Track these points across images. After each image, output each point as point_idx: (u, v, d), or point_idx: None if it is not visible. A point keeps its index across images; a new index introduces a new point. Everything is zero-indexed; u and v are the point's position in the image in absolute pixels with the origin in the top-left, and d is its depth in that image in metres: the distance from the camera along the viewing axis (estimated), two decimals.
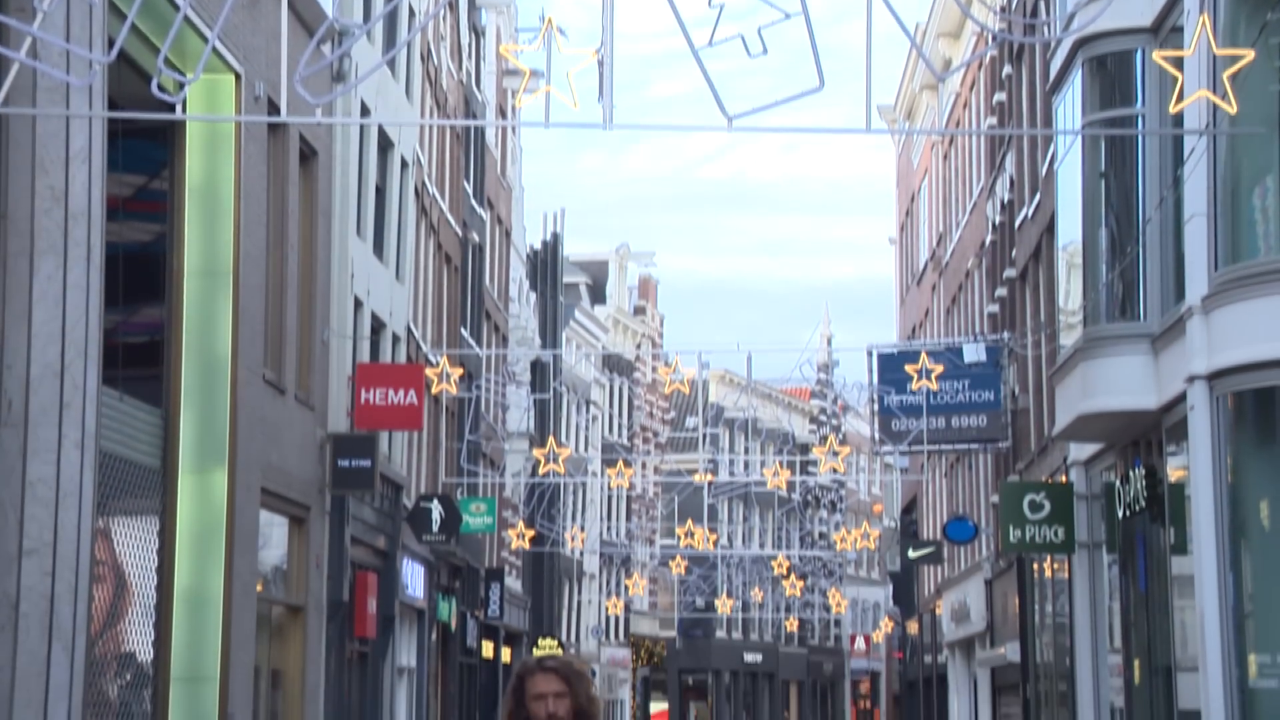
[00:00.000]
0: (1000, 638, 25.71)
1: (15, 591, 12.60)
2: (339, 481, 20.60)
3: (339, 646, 21.47)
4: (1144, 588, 16.70)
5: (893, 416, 25.20)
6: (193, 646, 16.49)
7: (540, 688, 5.19)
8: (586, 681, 5.26)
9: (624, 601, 52.64)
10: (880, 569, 66.27)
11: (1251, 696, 12.89)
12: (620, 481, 35.44)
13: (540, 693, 5.19)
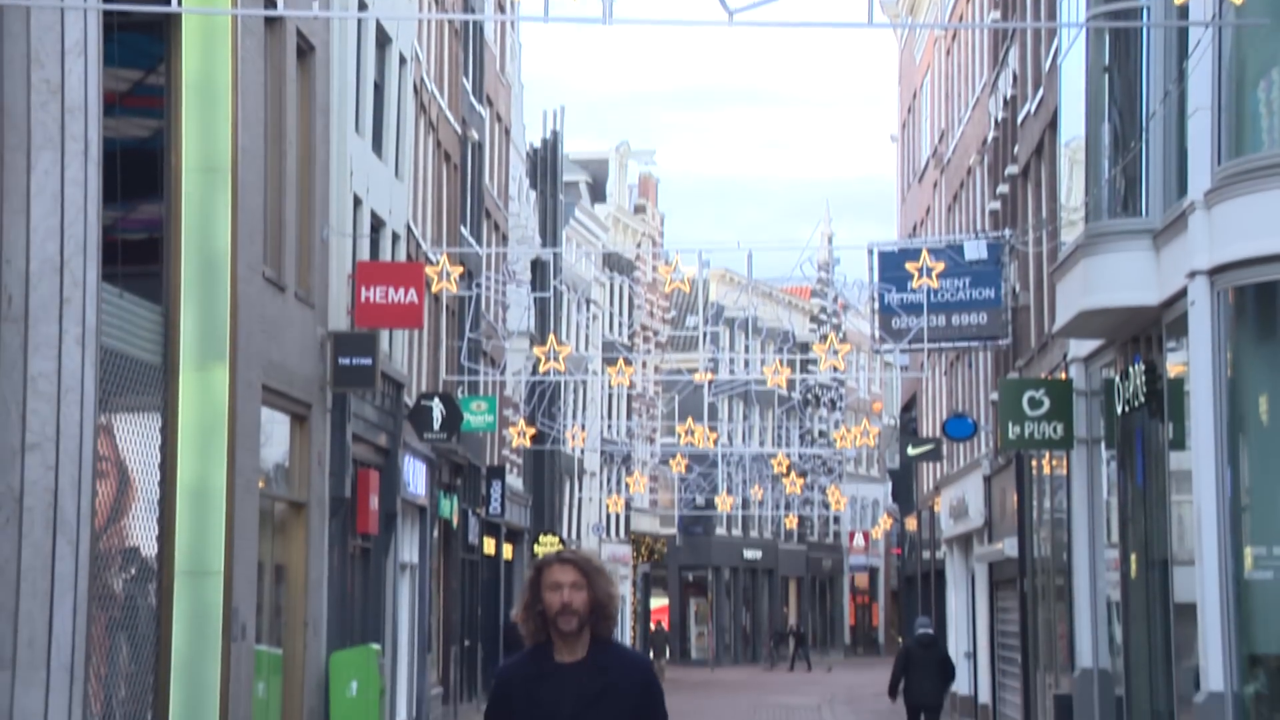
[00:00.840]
0: (998, 533, 25.89)
1: (19, 485, 12.68)
2: (340, 379, 20.65)
3: (341, 542, 21.63)
4: (1141, 483, 16.79)
5: (893, 314, 25.20)
6: (196, 541, 16.62)
7: (557, 577, 5.11)
8: (605, 577, 5.18)
9: (624, 499, 52.98)
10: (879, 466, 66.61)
11: (1246, 588, 13.00)
12: (621, 380, 35.49)
13: (556, 582, 5.11)
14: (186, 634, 16.49)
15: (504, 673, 5.22)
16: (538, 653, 5.17)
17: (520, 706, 5.07)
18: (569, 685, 5.05)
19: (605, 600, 5.14)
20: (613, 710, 5.02)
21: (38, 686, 12.68)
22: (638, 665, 5.16)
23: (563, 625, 5.08)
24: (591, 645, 5.12)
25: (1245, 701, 12.89)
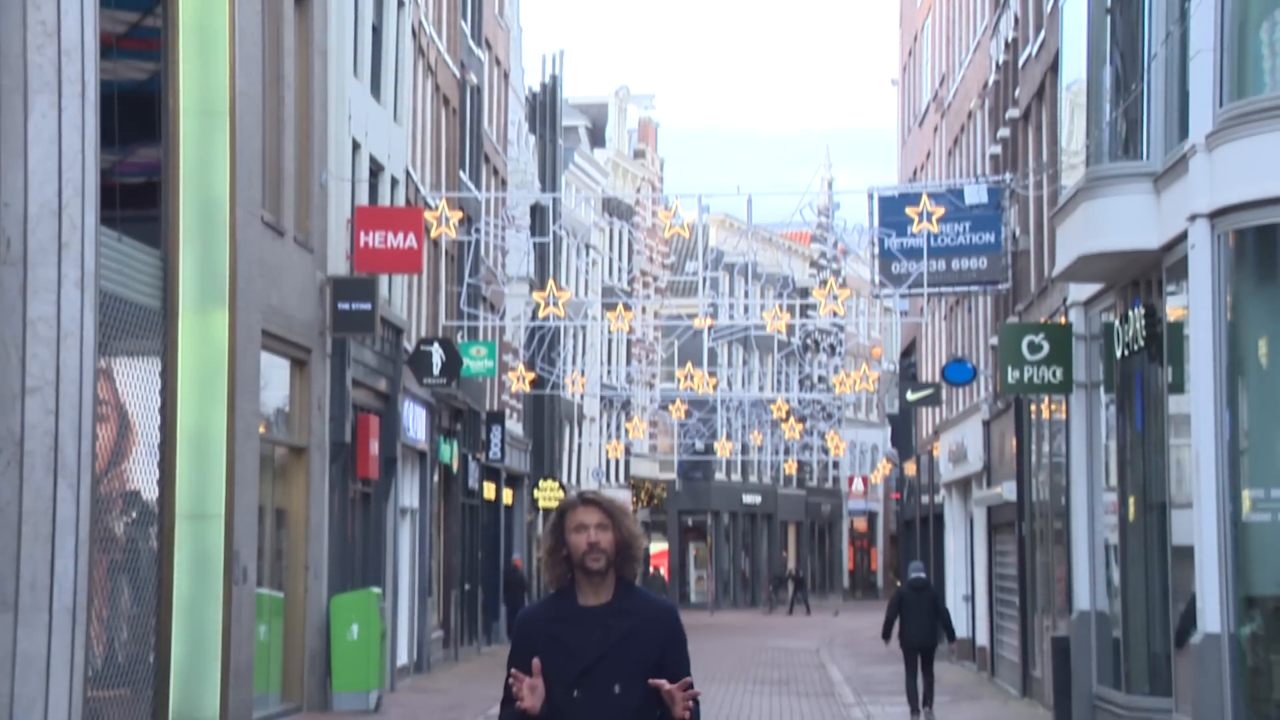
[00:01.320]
0: (997, 477, 25.95)
1: (19, 429, 12.70)
2: (339, 324, 20.65)
3: (342, 487, 21.69)
4: (1140, 427, 16.82)
5: (893, 259, 25.17)
6: (197, 485, 16.66)
7: (581, 519, 5.05)
8: (629, 518, 5.14)
9: (624, 444, 53.07)
10: (878, 411, 66.72)
11: (1244, 530, 13.05)
12: (620, 325, 35.47)
13: (581, 523, 5.04)
14: (188, 577, 16.56)
15: (527, 616, 5.15)
16: (561, 596, 5.09)
17: (544, 650, 4.99)
18: (594, 628, 4.99)
19: (630, 541, 5.09)
20: (638, 653, 4.96)
21: (40, 629, 12.75)
22: (663, 609, 5.11)
23: (591, 564, 5.01)
24: (617, 588, 5.06)
25: (1241, 642, 12.96)
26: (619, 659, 4.93)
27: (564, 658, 4.94)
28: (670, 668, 4.97)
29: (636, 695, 4.91)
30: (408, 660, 25.92)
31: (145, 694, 16.28)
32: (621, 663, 4.92)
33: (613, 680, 4.90)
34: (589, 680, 4.89)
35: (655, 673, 4.94)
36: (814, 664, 31.14)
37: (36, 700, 12.70)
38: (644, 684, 4.90)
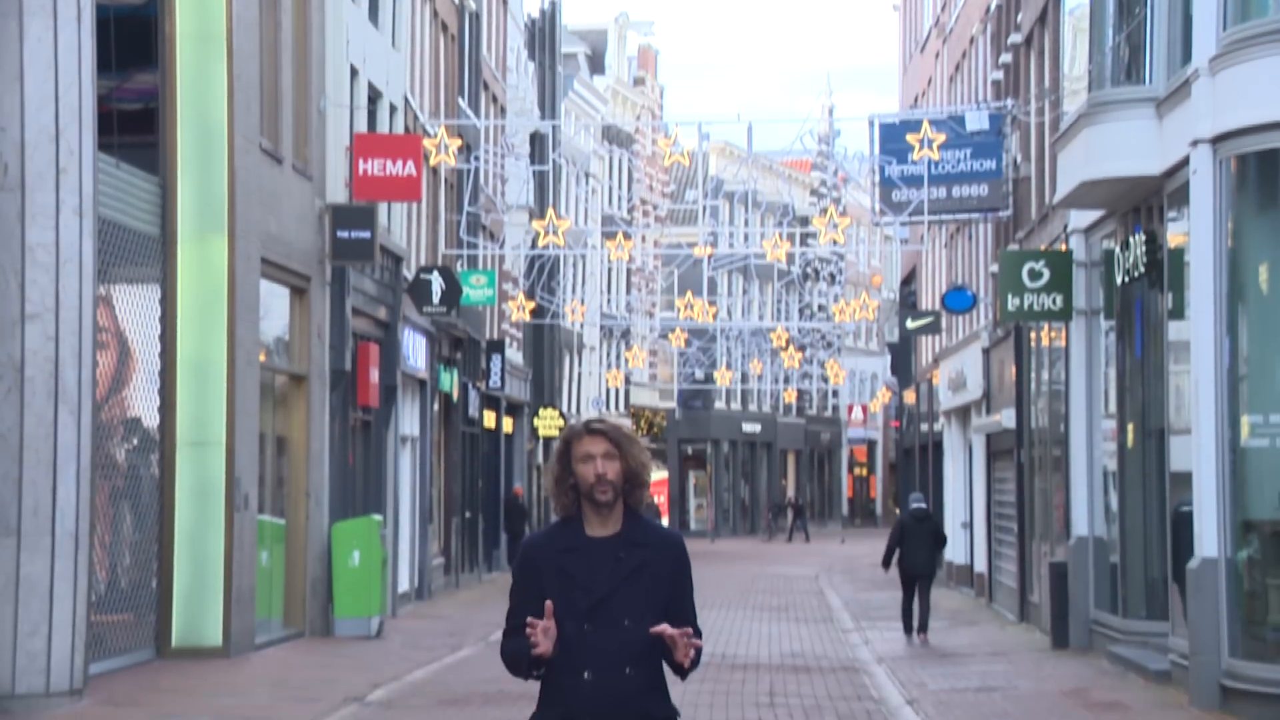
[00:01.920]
0: (996, 405, 26.00)
1: (19, 355, 12.71)
2: (339, 252, 20.60)
3: (342, 415, 21.72)
4: (1140, 354, 16.84)
5: (893, 187, 25.07)
6: (198, 412, 16.71)
7: (588, 449, 4.90)
8: (637, 445, 4.97)
9: (624, 373, 53.12)
10: (878, 340, 66.76)
11: (1242, 456, 13.09)
12: (620, 254, 35.42)
13: (588, 453, 4.89)
14: (189, 503, 16.65)
15: (532, 545, 5.00)
16: (568, 526, 4.94)
17: (550, 580, 4.86)
18: (604, 560, 4.86)
19: (639, 469, 4.94)
20: (649, 586, 4.86)
21: (43, 553, 12.82)
22: (672, 540, 5.01)
23: (599, 497, 4.87)
24: (625, 519, 4.93)
25: (1238, 566, 13.04)
26: (630, 592, 4.84)
27: (574, 591, 4.84)
28: (677, 600, 4.93)
29: (646, 628, 4.84)
30: (409, 587, 26.06)
31: (148, 619, 16.40)
32: (632, 596, 4.84)
33: (623, 614, 4.83)
34: (599, 614, 4.82)
35: (664, 605, 4.88)
36: (813, 590, 31.32)
37: (40, 624, 12.79)
38: (654, 617, 4.84)
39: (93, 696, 13.27)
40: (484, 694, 14.30)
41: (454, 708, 13.67)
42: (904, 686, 15.58)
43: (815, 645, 20.32)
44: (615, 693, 4.79)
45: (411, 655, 18.03)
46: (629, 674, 4.78)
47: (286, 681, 15.45)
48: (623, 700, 4.79)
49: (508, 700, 13.35)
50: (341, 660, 17.29)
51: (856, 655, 19.13)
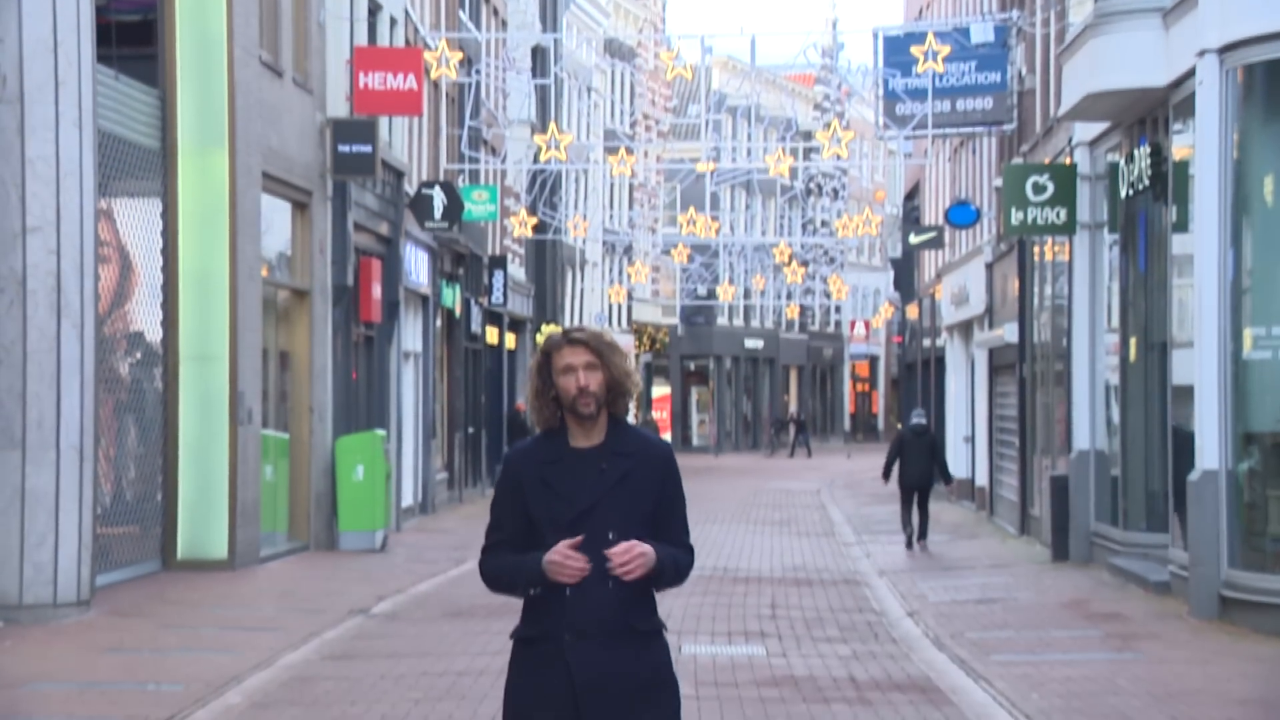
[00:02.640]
0: (999, 319, 25.99)
1: (21, 268, 12.71)
2: (340, 166, 20.53)
3: (345, 330, 21.73)
4: (1143, 267, 16.81)
5: (897, 100, 24.91)
6: (200, 327, 16.73)
7: (568, 360, 4.73)
8: (619, 354, 4.79)
9: (626, 289, 53.06)
10: (881, 255, 66.62)
11: (1244, 368, 13.10)
12: (622, 169, 35.24)
13: (569, 365, 4.72)
14: (193, 418, 16.70)
15: (514, 457, 4.85)
16: (551, 438, 4.79)
17: (534, 493, 4.74)
18: (587, 471, 4.73)
19: (622, 378, 4.77)
20: (633, 496, 4.73)
21: (48, 466, 12.88)
22: (658, 449, 4.84)
23: (581, 409, 4.71)
24: (609, 429, 4.78)
25: (1239, 478, 13.09)
26: (614, 504, 4.71)
27: (557, 503, 4.72)
28: (665, 510, 4.79)
29: (630, 540, 4.71)
30: (412, 501, 26.18)
31: (153, 531, 16.51)
32: (616, 507, 4.71)
33: (607, 526, 4.69)
34: (582, 527, 4.68)
35: (650, 517, 4.76)
36: (815, 505, 31.47)
37: (46, 536, 12.87)
38: (639, 529, 4.71)
39: (100, 607, 13.39)
40: (487, 606, 14.42)
41: (458, 620, 13.78)
42: (905, 599, 15.69)
43: (817, 558, 20.45)
44: (597, 606, 4.66)
45: (415, 568, 18.16)
46: (611, 587, 4.65)
47: (291, 593, 15.56)
48: (605, 614, 4.66)
49: (511, 613, 13.38)
50: (346, 573, 17.41)
51: (858, 568, 19.25)
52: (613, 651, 4.65)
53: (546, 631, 4.69)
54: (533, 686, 4.68)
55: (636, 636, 4.70)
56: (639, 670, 4.68)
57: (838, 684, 10.69)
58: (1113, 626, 13.11)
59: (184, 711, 9.57)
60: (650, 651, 4.74)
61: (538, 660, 4.69)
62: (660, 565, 4.70)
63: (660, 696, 4.71)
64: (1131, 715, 9.46)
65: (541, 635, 4.70)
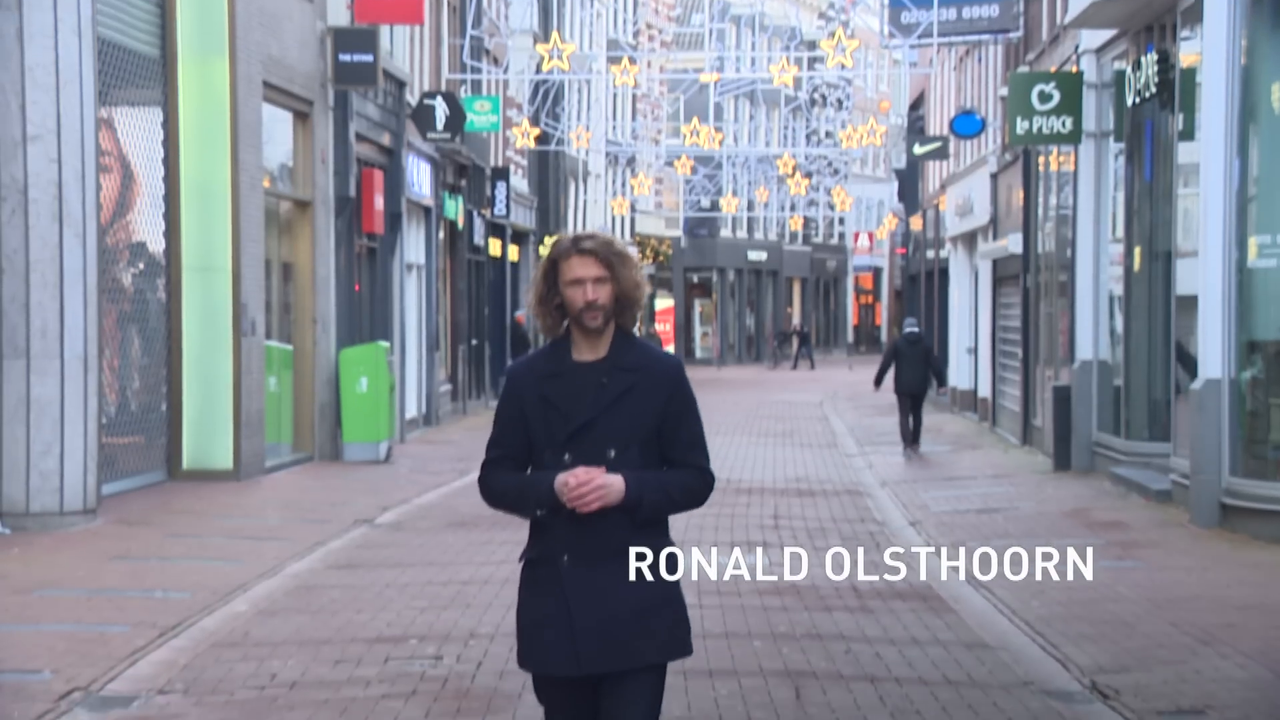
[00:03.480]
0: (1003, 230, 25.92)
1: (22, 177, 12.66)
2: (341, 76, 20.40)
3: (348, 241, 21.69)
4: (1149, 177, 16.74)
5: (902, 8, 24.74)
6: (203, 237, 16.70)
7: (577, 272, 4.50)
8: (631, 263, 4.55)
9: (629, 201, 52.91)
10: (885, 166, 66.35)
11: (1249, 276, 13.08)
12: (625, 80, 35.02)
13: (577, 277, 4.49)
14: (197, 328, 16.72)
15: (516, 370, 4.66)
16: (554, 349, 4.58)
17: (533, 407, 4.54)
18: (588, 385, 4.51)
19: (632, 290, 4.53)
20: (635, 412, 4.50)
21: (52, 376, 12.91)
22: (665, 365, 4.59)
23: (588, 323, 4.50)
24: (614, 342, 4.55)
25: (1241, 386, 13.11)
26: (613, 421, 4.49)
27: (554, 419, 4.51)
28: (671, 430, 4.54)
29: (632, 461, 4.50)
30: (416, 413, 26.25)
31: (158, 441, 16.57)
32: (616, 424, 4.49)
33: (606, 444, 4.48)
34: (579, 444, 4.48)
35: (654, 435, 4.53)
36: (817, 416, 31.55)
37: (52, 444, 12.93)
38: (641, 448, 4.51)
39: (106, 516, 13.47)
40: (491, 517, 14.46)
41: (462, 530, 13.86)
42: (906, 509, 15.76)
43: (819, 469, 20.53)
44: (595, 528, 4.46)
45: (419, 479, 18.24)
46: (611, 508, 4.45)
47: (296, 503, 15.65)
48: (603, 537, 4.48)
49: (515, 524, 13.44)
50: (350, 484, 17.49)
51: (860, 479, 19.33)
52: (610, 576, 4.49)
53: (547, 553, 4.56)
54: (537, 609, 4.58)
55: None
56: (639, 593, 4.49)
57: (839, 592, 10.76)
58: (1113, 535, 13.18)
59: (191, 618, 9.65)
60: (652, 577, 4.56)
61: (540, 583, 4.57)
62: (634, 498, 4.44)
63: (660, 625, 4.53)
64: (1131, 622, 9.53)
65: (543, 557, 4.57)
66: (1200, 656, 8.54)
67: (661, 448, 4.55)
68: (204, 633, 9.34)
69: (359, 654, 8.73)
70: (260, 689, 7.96)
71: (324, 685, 8.02)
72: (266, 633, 9.36)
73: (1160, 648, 8.79)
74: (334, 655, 8.71)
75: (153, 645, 8.89)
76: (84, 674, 8.13)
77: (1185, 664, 8.37)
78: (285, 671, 8.32)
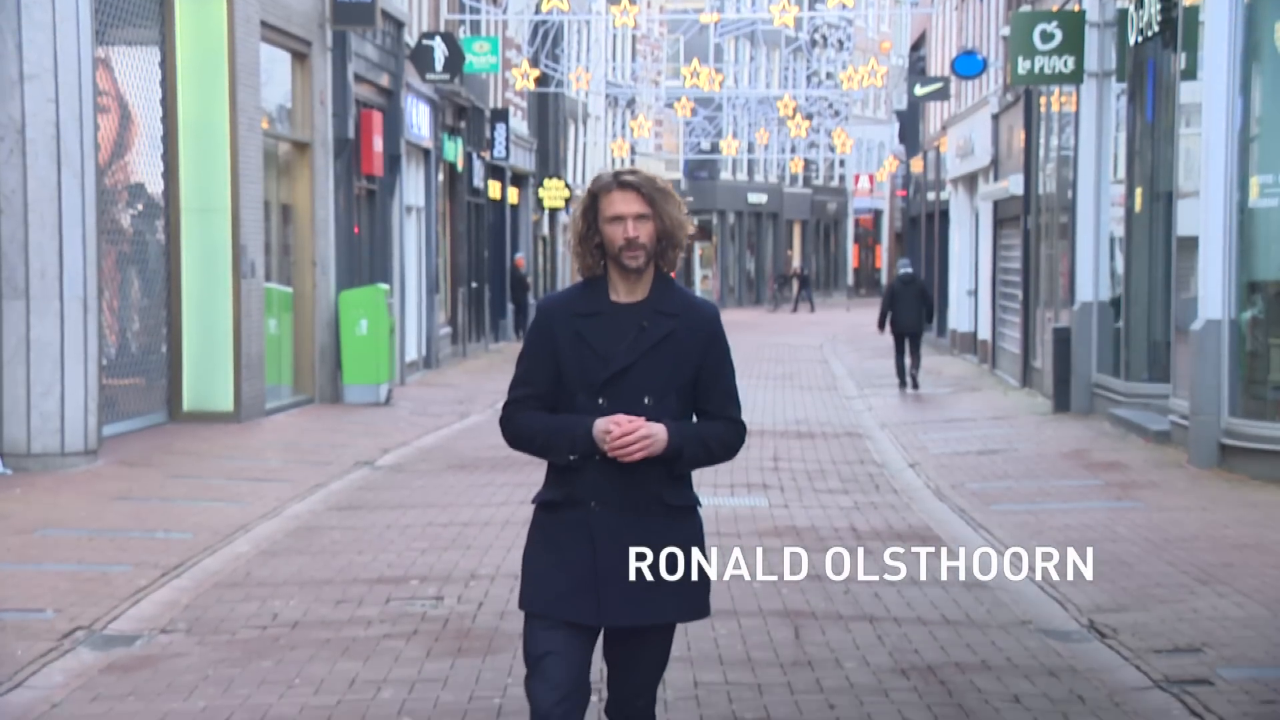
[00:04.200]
0: (1004, 171, 25.84)
1: (20, 116, 12.61)
2: (339, 16, 20.28)
3: (347, 183, 21.63)
4: (1151, 117, 16.67)
5: None
6: (202, 179, 16.65)
7: (618, 208, 4.33)
8: (674, 201, 4.39)
9: (629, 143, 52.73)
10: (886, 108, 66.07)
11: (1250, 216, 13.05)
12: (625, 20, 34.84)
13: (618, 213, 4.32)
14: (196, 270, 16.70)
15: (549, 306, 4.45)
16: (592, 288, 4.40)
17: (567, 347, 4.36)
18: (626, 328, 4.35)
19: (674, 230, 4.36)
20: (674, 360, 4.36)
21: (51, 317, 12.90)
22: (704, 311, 4.45)
23: (628, 262, 4.32)
24: (655, 285, 4.39)
25: (1242, 327, 13.10)
26: (651, 367, 4.34)
27: (590, 361, 4.35)
28: (708, 379, 4.42)
29: (669, 409, 4.37)
30: (416, 356, 26.26)
31: (159, 383, 16.57)
32: (654, 371, 4.35)
33: (643, 390, 4.34)
34: (615, 389, 4.33)
35: (691, 384, 4.41)
36: (817, 359, 31.57)
37: (52, 385, 12.93)
38: (677, 397, 4.38)
39: (107, 457, 13.49)
40: (491, 459, 14.52)
41: (463, 472, 13.89)
42: (906, 450, 15.79)
43: (819, 412, 20.55)
44: (626, 477, 4.34)
45: (420, 421, 18.27)
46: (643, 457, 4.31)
47: (297, 445, 15.67)
48: (634, 486, 4.36)
49: (515, 466, 13.56)
50: (351, 426, 17.52)
51: (860, 421, 19.35)
52: (639, 525, 4.37)
53: (573, 497, 4.39)
54: (554, 554, 4.41)
55: (667, 512, 4.41)
56: (666, 548, 4.40)
57: (839, 534, 10.80)
58: (1112, 475, 13.21)
59: (193, 559, 9.69)
60: (681, 529, 4.44)
61: (561, 527, 4.40)
62: (675, 449, 4.33)
63: (685, 584, 4.43)
64: (1130, 561, 9.56)
65: (567, 500, 4.40)
66: (1198, 595, 8.57)
67: (696, 398, 4.43)
68: (206, 573, 9.38)
69: (360, 594, 8.76)
70: (262, 628, 8.00)
71: (326, 625, 8.06)
72: (268, 573, 9.40)
73: (1158, 587, 8.83)
74: (335, 595, 8.75)
75: (155, 585, 8.93)
76: (87, 613, 8.17)
77: (1183, 603, 8.41)
78: (287, 611, 8.36)
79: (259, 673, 7.13)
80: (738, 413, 4.50)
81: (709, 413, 4.44)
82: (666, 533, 4.39)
